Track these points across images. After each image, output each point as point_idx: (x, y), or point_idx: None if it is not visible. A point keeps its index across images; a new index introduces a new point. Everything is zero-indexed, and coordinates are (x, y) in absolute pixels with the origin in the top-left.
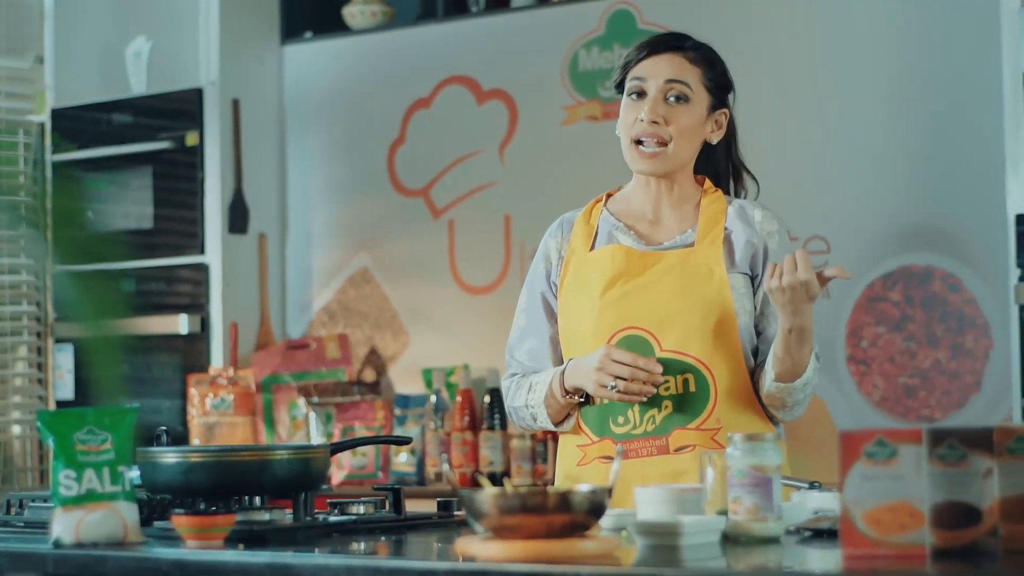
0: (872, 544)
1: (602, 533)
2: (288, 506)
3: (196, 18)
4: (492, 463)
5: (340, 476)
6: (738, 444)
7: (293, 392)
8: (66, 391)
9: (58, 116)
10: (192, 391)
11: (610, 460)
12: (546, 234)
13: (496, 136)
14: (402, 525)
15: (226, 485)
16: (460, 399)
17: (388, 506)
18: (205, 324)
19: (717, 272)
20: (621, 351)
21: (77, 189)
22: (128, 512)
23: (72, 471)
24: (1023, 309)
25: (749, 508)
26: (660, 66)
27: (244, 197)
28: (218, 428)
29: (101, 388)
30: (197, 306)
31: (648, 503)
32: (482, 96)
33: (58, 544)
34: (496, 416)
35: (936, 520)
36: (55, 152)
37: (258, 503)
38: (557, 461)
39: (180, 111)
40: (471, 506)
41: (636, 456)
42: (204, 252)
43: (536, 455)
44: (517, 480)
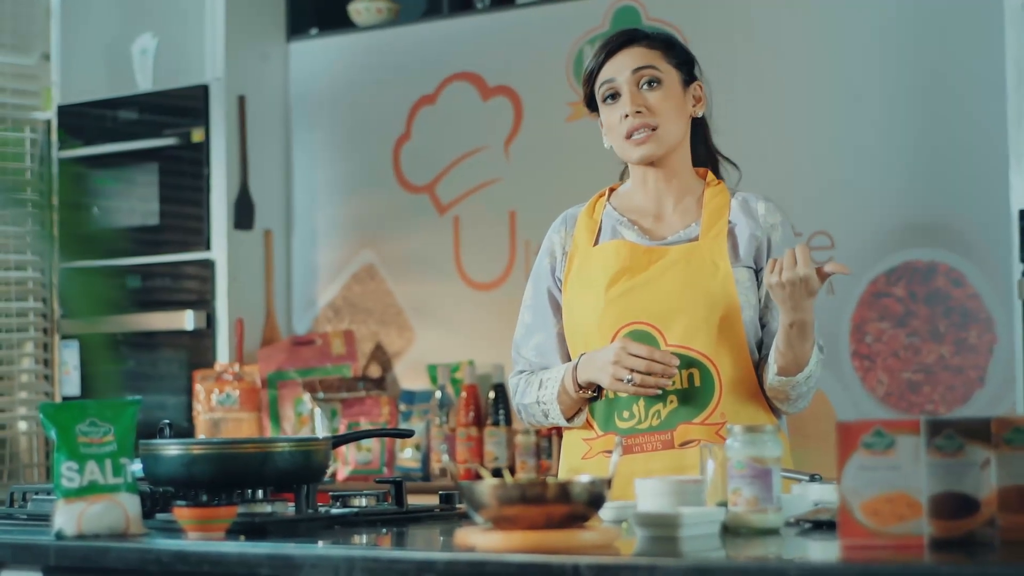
0: (870, 534)
1: (603, 525)
2: (290, 499)
3: (202, 15)
4: (497, 459)
5: (345, 472)
6: (738, 436)
7: (298, 388)
8: (72, 387)
9: (64, 113)
10: (198, 387)
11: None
12: (550, 229)
13: (501, 132)
14: (404, 517)
15: (228, 477)
16: (465, 395)
17: (391, 499)
18: (211, 320)
19: (722, 267)
20: (636, 344)
21: (82, 185)
22: (130, 504)
23: (74, 463)
24: None
25: (749, 499)
26: (622, 61)
27: (250, 193)
28: (224, 424)
29: (100, 383)
30: (203, 302)
31: (648, 495)
32: (487, 92)
33: (60, 536)
34: (501, 412)
35: (934, 510)
36: (61, 149)
37: (260, 496)
38: (562, 455)
39: (186, 108)
40: (471, 497)
41: (641, 451)
42: (210, 248)
43: (541, 450)
44: (522, 476)
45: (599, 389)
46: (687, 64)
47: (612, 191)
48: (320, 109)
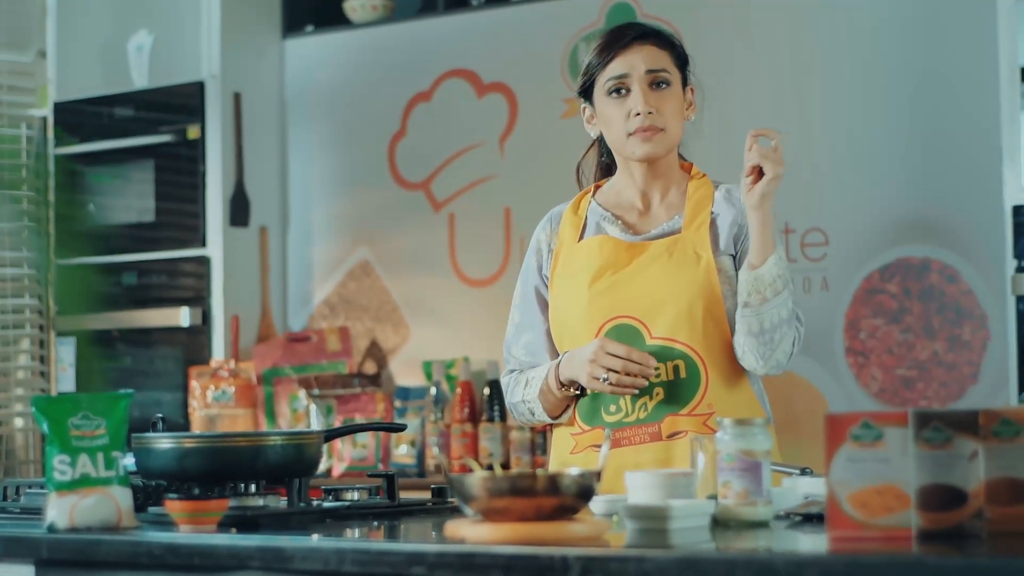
0: (858, 526)
1: (594, 518)
2: (283, 493)
3: (197, 12)
4: (492, 455)
5: (341, 468)
6: (728, 429)
7: (294, 384)
8: (68, 384)
9: (60, 110)
10: (193, 383)
11: (600, 448)
12: (537, 228)
13: (496, 129)
14: (396, 511)
15: (220, 471)
16: (460, 391)
17: (383, 493)
18: (206, 317)
19: (704, 257)
20: (615, 343)
21: (78, 182)
22: (122, 497)
23: (66, 456)
24: (1020, 300)
25: (738, 492)
26: (636, 58)
27: (245, 190)
28: (219, 420)
29: (96, 380)
30: (198, 299)
31: (639, 487)
32: (482, 89)
33: (52, 529)
34: (496, 408)
35: (922, 502)
36: (57, 146)
37: (253, 489)
38: (551, 451)
39: (182, 105)
40: (460, 489)
41: (629, 444)
42: (205, 245)
43: (536, 446)
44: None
45: (583, 386)
46: (686, 66)
47: (597, 188)
48: (316, 106)
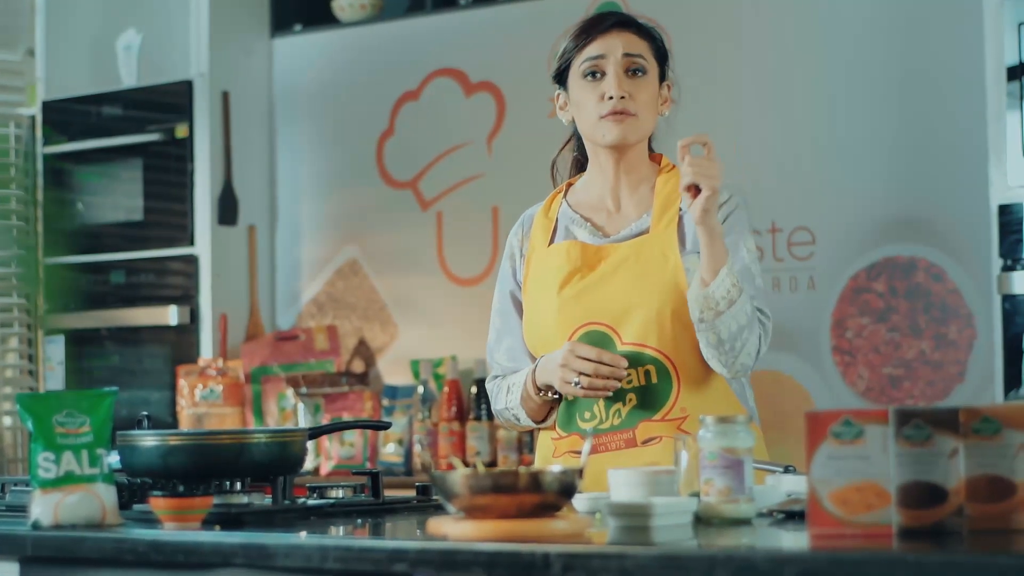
0: (839, 523)
1: (576, 516)
2: (268, 491)
3: (186, 11)
4: (479, 453)
5: (328, 466)
6: (710, 426)
7: (282, 383)
8: (56, 382)
9: (49, 109)
10: (181, 382)
11: (579, 454)
12: (510, 232)
13: (484, 128)
14: (380, 509)
15: (204, 468)
16: (447, 390)
17: (368, 491)
18: (194, 315)
19: (671, 258)
20: (585, 347)
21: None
22: (106, 494)
23: (51, 453)
24: (1006, 299)
25: (721, 490)
26: (614, 42)
27: (234, 189)
28: (207, 419)
29: (84, 378)
30: (187, 297)
31: (621, 485)
32: (470, 88)
33: (36, 526)
34: (483, 407)
35: (902, 500)
36: (46, 145)
37: (238, 487)
38: (535, 453)
39: (170, 103)
40: (443, 486)
41: (605, 450)
42: (194, 244)
43: (523, 445)
44: None
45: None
46: (664, 61)
47: (570, 186)
48: (304, 105)
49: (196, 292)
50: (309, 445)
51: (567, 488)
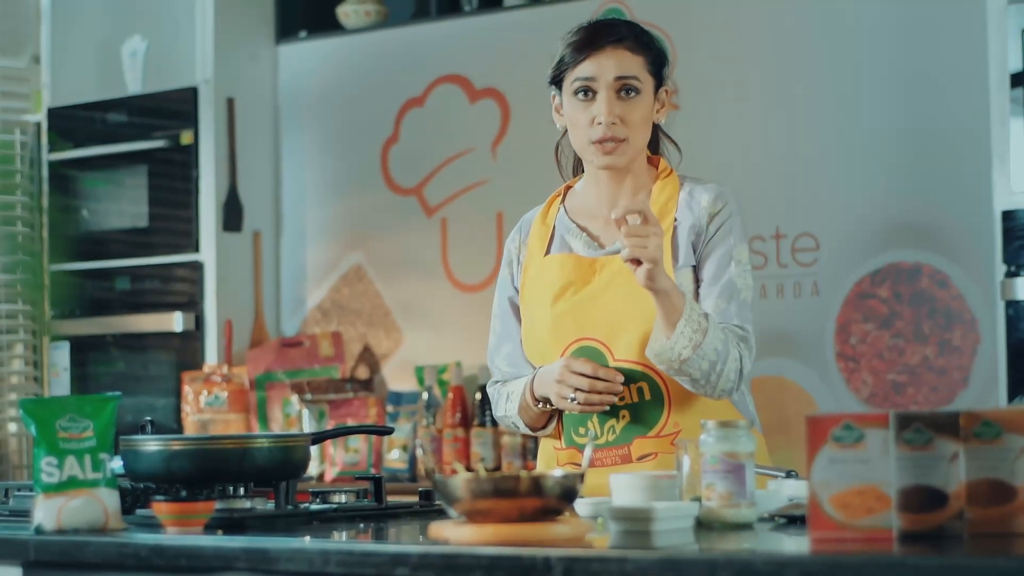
0: (839, 527)
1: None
2: (271, 496)
3: (191, 17)
4: (483, 459)
5: (333, 472)
6: (711, 431)
7: (287, 389)
8: (62, 388)
9: (54, 115)
10: (186, 388)
11: (578, 466)
12: (508, 238)
13: (488, 134)
14: (382, 513)
15: (207, 473)
16: (452, 396)
17: (371, 496)
18: (199, 322)
19: None
20: (581, 362)
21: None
22: (109, 499)
23: (54, 458)
24: (1009, 305)
25: (722, 494)
26: (606, 63)
27: (239, 195)
28: (212, 425)
29: (90, 385)
30: (192, 304)
31: (623, 489)
32: (474, 95)
33: (39, 530)
34: (487, 413)
35: (903, 504)
36: (51, 151)
37: (240, 492)
38: (538, 461)
39: (175, 110)
40: (445, 491)
41: (601, 466)
42: (199, 250)
43: (527, 451)
44: None
45: None
46: (661, 68)
47: (569, 189)
48: (308, 111)
49: (201, 298)
50: (313, 451)
51: (568, 492)
